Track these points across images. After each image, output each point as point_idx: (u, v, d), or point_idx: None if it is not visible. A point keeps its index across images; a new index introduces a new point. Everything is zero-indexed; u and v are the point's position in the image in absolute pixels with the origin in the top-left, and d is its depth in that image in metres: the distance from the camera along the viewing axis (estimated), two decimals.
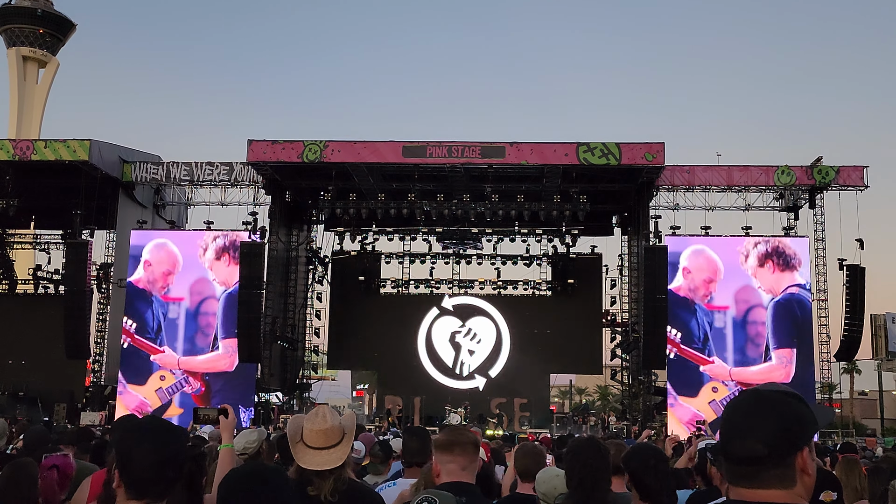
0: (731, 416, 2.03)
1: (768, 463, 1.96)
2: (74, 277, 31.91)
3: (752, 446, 1.95)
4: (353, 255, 38.23)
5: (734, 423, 2.01)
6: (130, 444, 2.58)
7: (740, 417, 2.00)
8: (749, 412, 2.00)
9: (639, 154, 30.74)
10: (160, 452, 2.56)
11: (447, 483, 3.83)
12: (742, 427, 1.98)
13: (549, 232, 36.17)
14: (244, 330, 30.85)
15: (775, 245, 31.81)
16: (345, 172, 32.47)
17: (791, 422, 1.98)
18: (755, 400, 2.02)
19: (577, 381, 67.45)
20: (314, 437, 3.62)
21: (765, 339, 31.15)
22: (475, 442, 4.01)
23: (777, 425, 1.97)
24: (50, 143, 32.53)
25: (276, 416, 32.88)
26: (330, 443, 3.62)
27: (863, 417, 54.51)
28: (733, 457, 1.99)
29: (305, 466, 3.58)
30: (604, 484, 3.97)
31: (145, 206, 35.90)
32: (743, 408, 2.02)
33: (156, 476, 2.53)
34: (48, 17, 79.90)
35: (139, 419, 2.91)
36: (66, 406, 32.30)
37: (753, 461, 1.96)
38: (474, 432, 5.06)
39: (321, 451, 3.60)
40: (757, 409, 2.00)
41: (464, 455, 3.89)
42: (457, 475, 3.86)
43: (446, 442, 3.96)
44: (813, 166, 32.78)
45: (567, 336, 37.08)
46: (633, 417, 34.03)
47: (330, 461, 3.59)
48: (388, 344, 37.15)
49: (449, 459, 3.89)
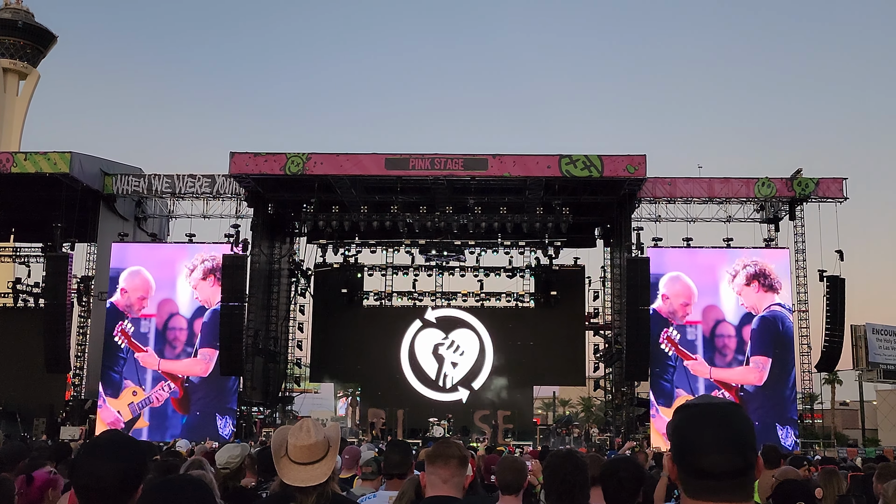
0: (700, 430, 1.99)
1: (747, 475, 1.96)
2: (55, 291, 31.67)
3: (733, 460, 1.94)
4: (336, 267, 38.16)
5: (705, 436, 1.97)
6: (84, 458, 2.56)
7: (712, 431, 1.97)
8: (720, 425, 1.98)
9: (621, 166, 30.91)
10: (112, 466, 2.52)
11: (431, 497, 3.85)
12: (718, 440, 1.96)
13: (531, 244, 36.25)
14: (226, 342, 30.72)
15: (762, 268, 32.29)
16: (327, 185, 32.44)
17: (751, 431, 2.01)
18: (721, 412, 2.01)
19: (560, 393, 67.40)
20: (299, 452, 3.54)
21: (731, 351, 31.86)
22: (461, 456, 3.98)
23: (750, 436, 1.98)
24: (30, 155, 32.32)
25: (258, 429, 32.71)
26: (315, 458, 3.54)
27: (844, 428, 54.85)
28: (706, 471, 1.95)
29: (290, 482, 3.51)
30: (582, 498, 3.98)
31: (126, 219, 35.69)
32: (711, 420, 2.00)
33: (106, 489, 2.50)
34: (29, 30, 79.62)
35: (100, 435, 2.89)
36: (45, 420, 31.99)
37: (732, 474, 1.94)
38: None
39: (306, 467, 3.52)
40: (726, 422, 1.99)
41: (446, 468, 3.88)
42: (439, 488, 3.87)
43: (431, 454, 3.98)
44: (793, 178, 33.04)
45: (550, 348, 37.15)
46: (617, 429, 34.08)
47: (315, 477, 3.51)
48: (371, 356, 37.08)
49: (432, 471, 3.90)
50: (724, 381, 31.43)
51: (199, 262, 33.17)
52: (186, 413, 32.30)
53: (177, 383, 32.58)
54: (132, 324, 33.00)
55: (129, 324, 32.95)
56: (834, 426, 49.77)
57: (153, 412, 32.32)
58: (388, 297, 38.93)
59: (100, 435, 2.92)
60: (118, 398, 32.37)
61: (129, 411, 32.25)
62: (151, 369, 32.64)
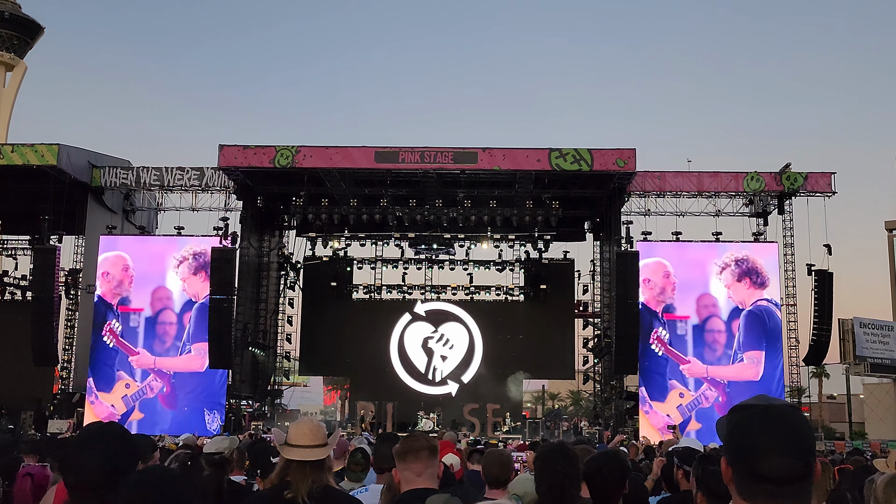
0: (759, 431, 1.93)
1: (806, 479, 1.92)
2: (42, 283, 31.49)
3: (793, 464, 1.90)
4: (325, 260, 38.06)
5: (766, 438, 1.92)
6: (74, 450, 2.53)
7: (772, 432, 1.92)
8: (781, 427, 1.93)
9: (610, 160, 30.93)
10: (103, 458, 2.51)
11: (407, 491, 3.87)
12: (779, 443, 1.91)
13: (521, 237, 36.27)
14: (215, 336, 30.61)
15: (752, 264, 32.31)
16: (317, 178, 32.35)
17: (812, 434, 1.97)
18: (781, 414, 1.96)
19: (549, 387, 67.55)
20: (300, 435, 3.72)
21: (721, 346, 31.86)
22: (430, 446, 4.03)
23: (811, 440, 1.94)
24: (17, 147, 32.08)
25: (247, 422, 32.66)
26: (315, 442, 3.71)
27: (831, 421, 55.09)
28: (765, 475, 1.90)
29: (292, 458, 3.67)
30: (573, 490, 3.97)
31: (115, 212, 35.50)
32: (771, 422, 1.94)
33: (97, 481, 2.48)
34: (15, 20, 78.92)
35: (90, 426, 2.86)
36: (33, 414, 31.85)
37: (792, 479, 1.90)
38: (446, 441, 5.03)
39: (305, 449, 3.69)
40: (787, 424, 1.94)
41: (417, 461, 3.93)
42: (413, 482, 3.90)
43: (400, 451, 4.03)
44: (781, 172, 33.13)
45: (540, 341, 37.21)
46: (606, 422, 34.17)
47: (315, 454, 3.69)
48: (361, 350, 37.06)
49: (404, 467, 3.94)
50: (718, 379, 31.49)
51: (190, 254, 32.97)
52: (174, 409, 32.21)
53: (164, 379, 32.45)
54: (121, 321, 32.78)
55: (116, 322, 32.73)
56: (821, 419, 49.96)
57: (146, 405, 32.15)
58: (378, 290, 38.90)
59: (89, 427, 2.89)
60: (111, 392, 32.22)
61: (122, 404, 32.10)
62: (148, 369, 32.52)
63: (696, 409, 31.18)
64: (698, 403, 31.24)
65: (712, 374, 31.59)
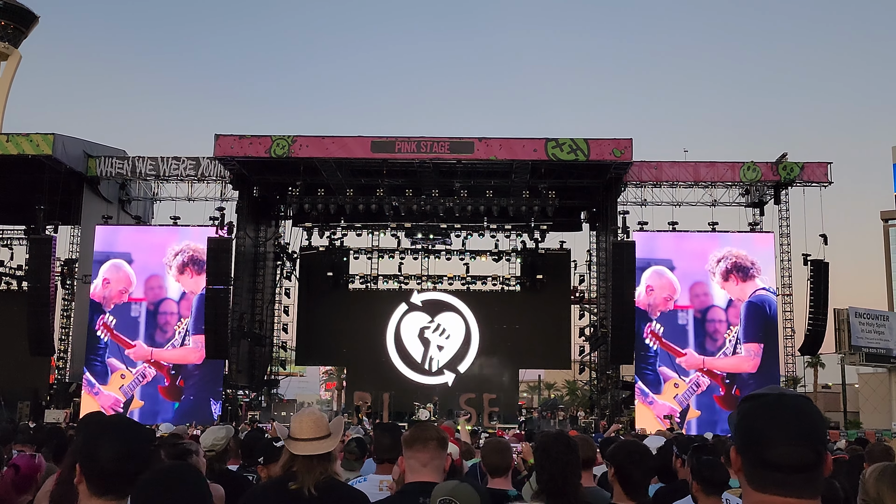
0: (770, 420, 1.93)
1: (817, 469, 1.91)
2: (38, 273, 31.42)
3: (804, 453, 1.89)
4: (322, 250, 38.03)
5: (776, 427, 1.91)
6: (93, 440, 2.54)
7: (783, 422, 1.91)
8: (792, 416, 1.92)
9: (607, 150, 30.91)
10: (123, 447, 2.54)
11: (411, 482, 3.77)
12: (790, 432, 1.90)
13: (517, 227, 36.25)
14: (211, 326, 30.60)
15: (734, 261, 32.25)
16: (313, 167, 32.29)
17: (824, 425, 1.96)
18: (792, 403, 1.95)
19: (545, 377, 67.68)
20: (304, 427, 3.73)
21: (722, 335, 31.88)
22: (439, 437, 3.92)
23: (821, 430, 1.93)
24: (12, 137, 31.98)
25: (244, 412, 32.67)
26: (318, 434, 3.72)
27: (826, 411, 55.17)
28: (776, 464, 1.89)
29: (297, 452, 3.67)
30: (574, 479, 3.96)
31: (110, 202, 35.43)
32: (782, 411, 1.93)
33: (118, 471, 2.51)
34: (10, 9, 78.53)
35: (103, 415, 2.88)
36: (29, 404, 31.84)
37: (802, 468, 1.89)
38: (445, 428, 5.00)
39: (312, 442, 3.70)
40: (798, 413, 1.93)
41: (424, 451, 3.82)
42: (419, 473, 3.80)
43: (408, 438, 3.93)
44: (778, 162, 33.14)
45: (536, 331, 37.21)
46: (602, 412, 34.23)
47: (320, 447, 3.69)
48: (357, 339, 37.04)
49: (410, 455, 3.84)
50: (716, 371, 31.54)
51: (186, 248, 32.94)
52: (177, 400, 32.26)
53: (162, 371, 32.42)
54: (116, 314, 32.67)
55: (110, 316, 32.67)
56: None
57: (145, 392, 32.20)
58: (374, 280, 38.86)
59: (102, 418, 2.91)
60: (108, 384, 32.24)
61: (121, 394, 32.17)
62: (143, 361, 32.56)
63: (694, 395, 31.26)
64: (694, 390, 31.32)
65: (709, 366, 31.64)
